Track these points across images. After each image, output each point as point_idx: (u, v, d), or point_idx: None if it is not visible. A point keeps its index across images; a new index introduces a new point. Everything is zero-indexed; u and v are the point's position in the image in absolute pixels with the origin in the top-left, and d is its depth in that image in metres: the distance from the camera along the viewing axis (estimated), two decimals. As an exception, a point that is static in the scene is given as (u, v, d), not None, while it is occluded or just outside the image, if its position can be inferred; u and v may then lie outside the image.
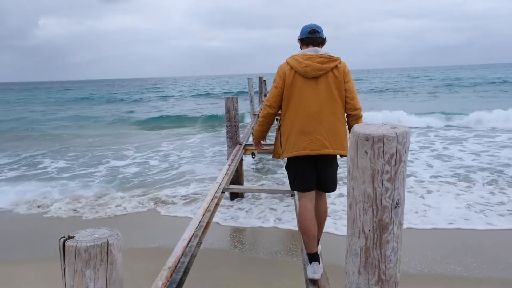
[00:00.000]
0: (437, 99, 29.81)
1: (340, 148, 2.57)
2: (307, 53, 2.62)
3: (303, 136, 2.56)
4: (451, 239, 4.93)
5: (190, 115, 23.68)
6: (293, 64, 2.61)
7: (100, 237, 1.49)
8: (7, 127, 20.28)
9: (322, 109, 2.55)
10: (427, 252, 4.53)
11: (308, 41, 2.70)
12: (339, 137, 2.58)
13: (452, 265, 4.22)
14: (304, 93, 2.58)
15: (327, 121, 2.55)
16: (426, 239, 4.95)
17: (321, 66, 2.55)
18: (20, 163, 10.73)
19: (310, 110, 2.56)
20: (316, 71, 2.55)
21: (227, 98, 7.06)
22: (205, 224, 3.37)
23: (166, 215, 6.23)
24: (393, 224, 1.50)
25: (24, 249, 5.04)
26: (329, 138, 2.55)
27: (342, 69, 2.59)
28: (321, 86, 2.56)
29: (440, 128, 15.12)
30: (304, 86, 2.58)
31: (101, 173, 9.29)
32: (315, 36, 2.68)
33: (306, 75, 2.57)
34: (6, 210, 6.72)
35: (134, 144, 13.50)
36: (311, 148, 2.54)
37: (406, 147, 1.46)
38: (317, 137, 2.54)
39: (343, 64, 2.60)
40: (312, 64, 2.55)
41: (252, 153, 6.93)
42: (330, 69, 2.56)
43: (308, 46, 2.69)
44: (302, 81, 2.58)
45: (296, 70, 2.59)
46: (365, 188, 1.48)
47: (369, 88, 43.63)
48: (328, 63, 2.56)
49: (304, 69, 2.56)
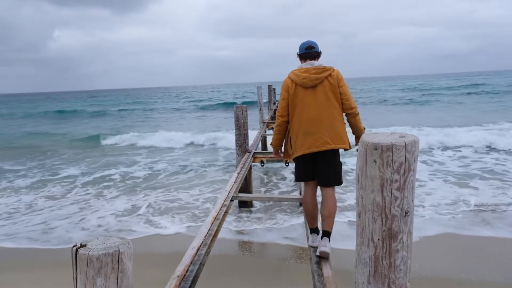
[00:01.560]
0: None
1: (340, 143, 2.98)
2: (304, 67, 3.08)
3: (308, 136, 2.98)
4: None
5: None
6: (293, 78, 3.06)
7: (111, 245, 1.50)
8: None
9: (322, 112, 2.97)
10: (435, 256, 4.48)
11: (306, 56, 3.14)
12: (339, 133, 2.98)
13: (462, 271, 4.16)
14: (305, 100, 3.00)
15: (327, 121, 2.96)
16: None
17: (316, 76, 2.98)
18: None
19: (311, 114, 2.97)
20: (312, 81, 2.98)
21: (236, 107, 7.11)
22: (214, 233, 3.37)
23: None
24: (402, 233, 1.49)
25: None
26: (330, 136, 2.95)
27: (336, 76, 3.00)
28: (318, 93, 2.98)
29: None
30: (304, 95, 3.01)
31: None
32: (311, 51, 3.13)
33: (304, 86, 3.01)
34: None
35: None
36: (316, 145, 2.95)
37: (415, 156, 1.46)
38: (320, 136, 2.95)
39: (336, 71, 3.03)
40: (308, 76, 2.99)
41: (261, 161, 6.94)
42: (325, 78, 2.99)
43: (306, 60, 3.13)
44: (302, 91, 3.02)
45: (296, 82, 3.04)
46: (374, 197, 1.48)
47: (407, 97, 37.56)
48: (322, 73, 2.99)
49: (302, 81, 3.00)
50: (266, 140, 12.59)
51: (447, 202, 6.66)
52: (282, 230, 5.70)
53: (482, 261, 4.42)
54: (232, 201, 4.51)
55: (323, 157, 3.00)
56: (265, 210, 6.62)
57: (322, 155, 2.99)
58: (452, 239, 5.17)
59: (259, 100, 14.89)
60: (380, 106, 32.51)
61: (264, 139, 12.36)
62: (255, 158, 6.87)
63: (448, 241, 5.10)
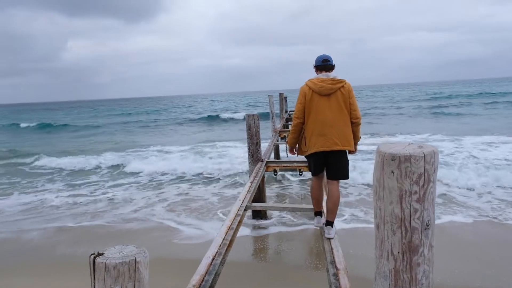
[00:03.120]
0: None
1: (347, 145, 3.45)
2: (320, 77, 3.51)
3: (320, 137, 3.45)
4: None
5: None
6: (310, 86, 3.50)
7: (128, 254, 1.51)
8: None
9: (334, 117, 3.42)
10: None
11: (321, 67, 3.58)
12: (346, 137, 3.45)
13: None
14: (320, 106, 3.45)
15: (338, 126, 3.42)
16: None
17: (331, 87, 3.42)
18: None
19: (325, 118, 3.43)
20: (328, 90, 3.43)
21: (248, 116, 7.12)
22: (229, 242, 3.36)
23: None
24: (423, 246, 1.46)
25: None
26: (339, 138, 3.42)
27: (347, 89, 3.45)
28: (332, 101, 3.43)
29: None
30: (319, 102, 3.46)
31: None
32: (326, 64, 3.56)
33: (320, 93, 3.45)
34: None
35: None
36: (326, 145, 3.43)
37: (435, 167, 1.43)
38: (331, 138, 3.42)
39: (348, 84, 3.47)
40: (324, 86, 3.43)
41: (274, 170, 6.91)
42: (338, 89, 3.43)
43: (321, 72, 3.57)
44: (318, 98, 3.46)
45: (313, 90, 3.47)
46: (392, 208, 1.46)
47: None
48: (336, 84, 3.44)
49: (319, 89, 3.44)
50: (278, 149, 12.51)
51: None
52: (296, 239, 5.66)
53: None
54: (245, 210, 4.50)
55: (333, 155, 3.48)
56: (279, 219, 6.59)
57: (332, 154, 3.48)
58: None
59: (270, 108, 14.87)
60: (420, 114, 30.34)
61: (277, 147, 12.29)
62: (268, 167, 6.85)
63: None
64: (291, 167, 6.90)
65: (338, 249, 3.22)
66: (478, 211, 6.66)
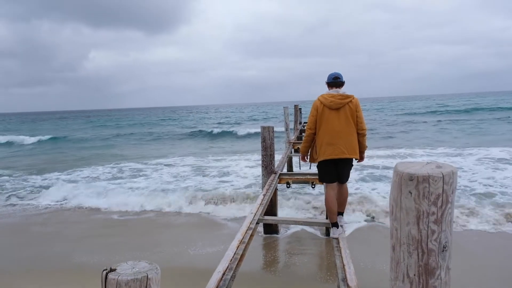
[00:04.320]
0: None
1: (353, 154, 3.93)
2: (331, 93, 3.99)
3: (330, 146, 3.91)
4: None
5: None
6: (322, 100, 3.97)
7: (140, 270, 1.51)
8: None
9: (342, 129, 3.87)
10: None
11: (332, 84, 4.06)
12: (353, 146, 3.91)
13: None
14: (330, 119, 3.91)
15: (345, 136, 3.87)
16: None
17: (341, 101, 3.89)
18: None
19: (334, 129, 3.88)
20: (337, 104, 3.89)
21: (263, 128, 7.12)
22: (240, 257, 3.32)
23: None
24: (440, 269, 1.42)
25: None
26: (346, 147, 3.88)
27: (355, 103, 3.90)
28: (341, 114, 3.88)
29: None
30: (330, 115, 3.91)
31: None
32: (337, 81, 4.04)
33: (331, 107, 3.91)
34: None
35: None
36: (335, 154, 3.89)
37: (453, 187, 1.40)
38: (338, 147, 3.88)
39: (355, 99, 3.92)
40: (334, 100, 3.90)
41: (287, 182, 6.87)
42: (346, 103, 3.88)
43: (332, 88, 4.04)
44: (328, 111, 3.92)
45: (324, 104, 3.94)
46: (409, 229, 1.42)
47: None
48: (345, 99, 3.90)
49: (330, 104, 3.90)
50: (292, 161, 12.40)
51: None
52: (307, 252, 5.57)
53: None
54: (257, 223, 4.46)
55: (341, 163, 3.97)
56: (291, 232, 6.52)
57: (340, 161, 3.96)
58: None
59: (285, 120, 14.87)
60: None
61: (290, 160, 12.21)
62: (281, 180, 6.81)
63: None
64: (304, 179, 6.85)
65: (350, 266, 3.15)
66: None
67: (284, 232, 6.63)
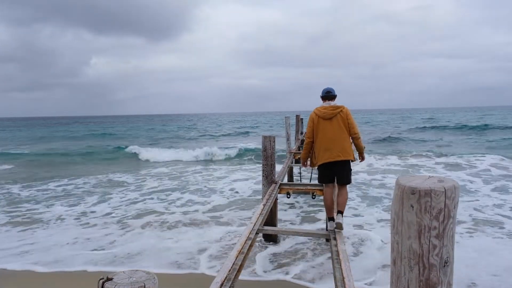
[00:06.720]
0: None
1: (347, 156, 4.49)
2: (324, 105, 4.67)
3: (327, 151, 4.51)
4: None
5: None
6: (317, 113, 4.63)
7: (137, 280, 1.49)
8: None
9: (336, 136, 4.47)
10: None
11: (326, 97, 4.74)
12: (346, 150, 4.48)
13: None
14: (325, 128, 4.54)
15: (339, 142, 4.47)
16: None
17: (332, 112, 4.53)
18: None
19: (328, 137, 4.50)
20: (329, 115, 4.53)
21: (264, 137, 7.11)
22: (238, 267, 3.29)
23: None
24: (441, 285, 1.40)
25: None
26: (341, 151, 4.46)
27: (345, 112, 4.51)
28: (334, 123, 4.51)
29: None
30: (324, 124, 4.55)
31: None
32: (329, 95, 4.72)
33: (324, 118, 4.55)
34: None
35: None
36: (332, 157, 4.48)
37: (455, 202, 1.39)
38: (334, 151, 4.47)
39: (345, 109, 4.54)
40: (327, 112, 4.56)
41: (287, 192, 6.84)
42: (338, 113, 4.51)
43: (325, 101, 4.71)
44: (323, 121, 4.56)
45: (319, 115, 4.60)
46: (410, 243, 1.41)
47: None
48: (336, 110, 4.54)
49: (323, 115, 4.56)
50: (292, 171, 12.33)
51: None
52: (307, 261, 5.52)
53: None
54: (257, 234, 4.43)
55: (338, 165, 4.53)
56: (290, 242, 6.46)
57: (336, 164, 4.51)
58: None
59: (286, 130, 14.87)
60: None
61: (291, 170, 12.13)
62: (281, 189, 6.77)
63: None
64: (304, 190, 6.81)
65: (349, 279, 3.12)
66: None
67: (283, 241, 6.57)
